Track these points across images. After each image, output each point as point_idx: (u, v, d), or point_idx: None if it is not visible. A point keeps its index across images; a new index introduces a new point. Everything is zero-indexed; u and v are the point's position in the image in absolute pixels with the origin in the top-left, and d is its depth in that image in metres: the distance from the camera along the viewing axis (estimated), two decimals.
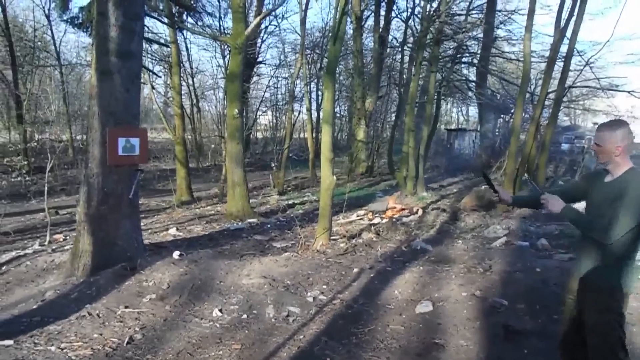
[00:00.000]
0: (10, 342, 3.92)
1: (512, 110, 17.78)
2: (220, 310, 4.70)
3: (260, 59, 26.48)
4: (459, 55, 19.53)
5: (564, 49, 11.29)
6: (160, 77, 24.65)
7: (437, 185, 15.34)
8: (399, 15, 19.76)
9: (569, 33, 10.43)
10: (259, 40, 24.78)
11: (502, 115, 23.49)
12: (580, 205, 2.81)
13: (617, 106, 17.52)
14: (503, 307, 4.54)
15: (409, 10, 15.94)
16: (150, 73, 16.94)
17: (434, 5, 13.56)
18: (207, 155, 25.51)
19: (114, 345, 3.99)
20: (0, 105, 25.04)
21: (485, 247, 6.93)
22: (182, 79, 18.69)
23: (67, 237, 8.13)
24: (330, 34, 7.72)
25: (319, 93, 24.23)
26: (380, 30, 19.85)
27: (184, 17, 16.19)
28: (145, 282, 5.34)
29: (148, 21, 18.39)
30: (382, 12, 20.44)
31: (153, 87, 17.08)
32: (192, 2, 16.06)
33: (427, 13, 13.19)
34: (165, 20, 13.51)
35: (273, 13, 19.61)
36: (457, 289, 5.08)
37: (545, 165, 11.37)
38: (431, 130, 16.73)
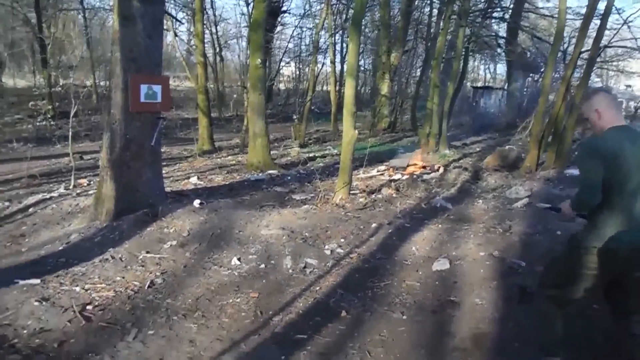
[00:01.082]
0: (37, 281, 4.06)
1: (542, 69, 17.24)
2: (239, 259, 4.78)
3: (284, 8, 25.94)
4: (490, 10, 18.84)
5: (601, 5, 10.79)
6: (183, 24, 24.40)
7: (460, 144, 15.15)
8: None
9: None
10: None
11: (530, 74, 22.85)
12: None
13: None
14: (521, 268, 4.52)
15: None
16: (173, 20, 16.75)
17: None
18: (229, 105, 25.43)
19: (136, 288, 4.10)
20: (25, 49, 25.12)
21: (506, 207, 6.86)
22: (205, 26, 18.45)
23: (91, 182, 8.28)
24: None
25: (344, 45, 23.78)
26: None
27: None
28: (166, 229, 5.44)
29: None
30: None
31: (176, 35, 16.93)
32: None
33: None
34: None
35: None
36: (475, 248, 5.07)
37: (573, 127, 11.06)
38: (457, 87, 16.40)
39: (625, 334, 2.78)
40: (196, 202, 6.21)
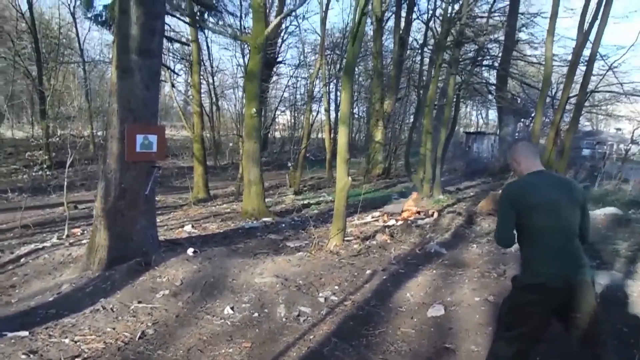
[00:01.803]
0: (25, 333, 4.00)
1: (532, 114, 17.55)
2: (232, 308, 4.73)
3: (280, 59, 26.64)
4: (479, 58, 19.33)
5: (586, 52, 11.11)
6: (180, 75, 24.94)
7: (454, 189, 15.22)
8: (420, 17, 19.65)
9: (592, 37, 10.23)
10: (279, 40, 24.91)
11: (522, 119, 23.23)
12: None
13: None
14: None
15: (430, 11, 15.80)
16: (171, 71, 17.11)
17: (456, 7, 13.47)
18: (225, 153, 25.67)
19: (126, 339, 4.03)
20: (25, 101, 25.52)
21: (500, 252, 6.84)
22: (202, 77, 18.89)
23: (85, 232, 8.26)
24: (350, 35, 7.73)
25: (338, 93, 24.26)
26: (401, 31, 19.82)
27: (205, 16, 16.30)
28: (159, 278, 5.40)
29: (169, 20, 18.57)
30: (403, 14, 20.43)
31: (173, 85, 17.25)
32: (213, 1, 16.18)
33: (448, 15, 13.10)
34: (187, 19, 13.63)
35: (293, 13, 19.65)
36: (470, 294, 5.03)
37: (565, 171, 11.19)
38: (449, 133, 16.61)
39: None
40: (190, 251, 6.19)
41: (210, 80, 24.20)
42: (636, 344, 3.86)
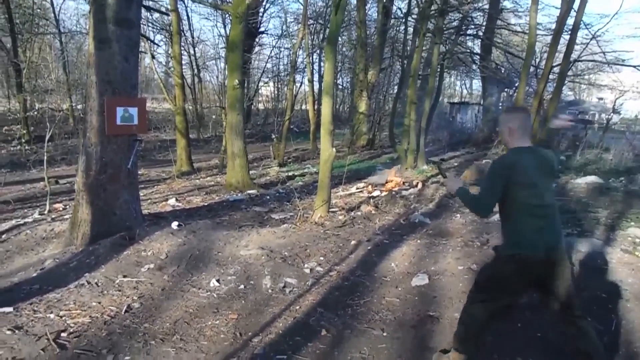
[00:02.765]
0: (9, 309, 3.97)
1: (516, 84, 17.59)
2: (218, 281, 4.74)
3: (262, 29, 26.20)
4: (463, 27, 19.23)
5: (570, 21, 11.11)
6: (160, 46, 24.46)
7: (438, 159, 15.30)
8: None
9: (576, 5, 10.21)
10: (261, 10, 24.44)
11: (505, 89, 23.29)
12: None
13: (623, 81, 17.30)
14: None
15: None
16: (151, 42, 16.76)
17: None
18: (208, 126, 25.41)
19: (112, 313, 4.03)
20: (0, 74, 24.85)
21: (484, 221, 6.92)
22: (183, 48, 18.50)
23: (67, 207, 8.16)
24: (333, 4, 7.60)
25: (322, 64, 24.01)
26: (385, 0, 19.53)
27: None
28: (144, 252, 5.38)
29: None
30: None
31: (153, 57, 16.90)
32: None
33: None
34: None
35: None
36: (454, 263, 5.10)
37: (548, 140, 11.29)
38: (433, 103, 16.63)
39: (575, 329, 2.97)
40: (174, 224, 6.16)
41: (192, 52, 23.81)
42: (614, 310, 3.96)
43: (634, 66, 11.32)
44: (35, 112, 16.25)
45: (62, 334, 3.64)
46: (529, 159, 2.90)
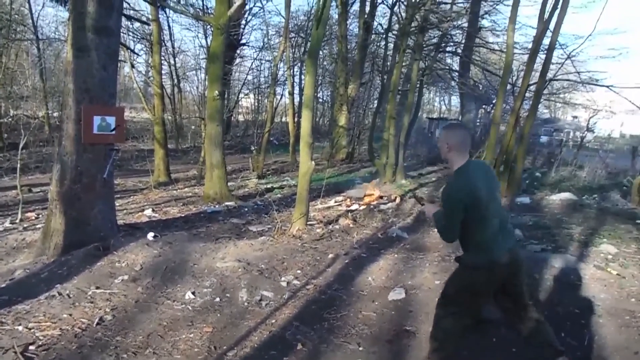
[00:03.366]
0: None
1: (493, 101, 17.88)
2: (193, 293, 4.67)
3: (243, 41, 26.14)
4: (443, 44, 19.54)
5: (546, 41, 11.34)
6: (140, 55, 24.28)
7: (417, 174, 15.42)
8: (384, 1, 19.65)
9: (552, 25, 10.44)
10: (243, 22, 24.43)
11: (483, 106, 23.67)
12: None
13: (596, 100, 17.69)
14: None
15: None
16: (131, 51, 16.62)
17: None
18: (186, 136, 25.22)
19: (84, 326, 3.94)
20: None
21: None
22: (163, 58, 18.41)
23: (40, 216, 8.00)
24: (314, 18, 7.66)
25: (302, 77, 24.09)
26: (366, 16, 19.75)
27: None
28: (118, 263, 5.28)
29: None
30: None
31: (133, 66, 16.74)
32: None
33: (412, 0, 13.13)
34: None
35: None
36: (431, 277, 5.12)
37: (523, 157, 11.48)
38: (412, 118, 16.77)
39: (535, 323, 3.16)
40: (150, 235, 6.08)
41: (172, 62, 23.61)
42: (587, 325, 4.01)
43: (607, 86, 11.59)
44: (10, 119, 15.96)
45: (31, 347, 3.54)
46: (476, 173, 2.98)
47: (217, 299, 4.59)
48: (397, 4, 15.67)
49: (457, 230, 2.97)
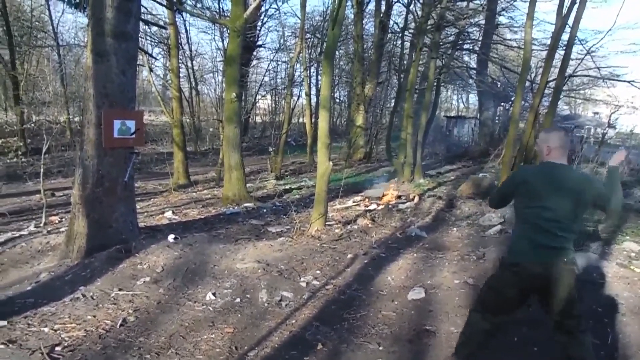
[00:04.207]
0: (3, 322, 3.94)
1: (512, 98, 17.70)
2: (214, 294, 4.72)
3: (259, 43, 26.26)
4: (460, 42, 19.36)
5: (565, 37, 11.16)
6: (158, 59, 24.53)
7: (435, 172, 15.33)
8: (400, 0, 19.57)
9: (570, 21, 10.27)
10: (259, 24, 24.55)
11: (502, 103, 23.39)
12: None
13: (617, 96, 17.39)
14: None
15: None
16: (149, 55, 16.82)
17: None
18: (205, 139, 25.42)
19: (107, 327, 4.01)
20: None
21: (480, 234, 6.94)
22: (180, 61, 18.60)
23: (63, 219, 8.14)
24: (330, 18, 7.67)
25: (319, 77, 24.11)
26: (382, 15, 19.70)
27: None
28: (140, 265, 5.36)
29: (146, 2, 18.32)
30: None
31: (151, 70, 16.95)
32: None
33: None
34: (164, 1, 13.36)
35: None
36: (450, 276, 5.10)
37: None
38: (430, 117, 16.69)
39: (567, 337, 2.96)
40: (170, 237, 6.15)
41: (189, 65, 23.84)
42: (610, 324, 3.96)
43: (629, 81, 11.38)
44: (32, 125, 16.27)
45: (57, 348, 3.61)
46: (555, 172, 2.94)
47: (238, 300, 4.63)
48: (413, 2, 15.58)
49: (499, 202, 3.32)
